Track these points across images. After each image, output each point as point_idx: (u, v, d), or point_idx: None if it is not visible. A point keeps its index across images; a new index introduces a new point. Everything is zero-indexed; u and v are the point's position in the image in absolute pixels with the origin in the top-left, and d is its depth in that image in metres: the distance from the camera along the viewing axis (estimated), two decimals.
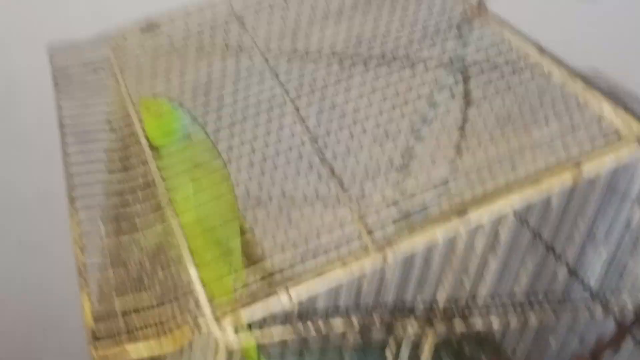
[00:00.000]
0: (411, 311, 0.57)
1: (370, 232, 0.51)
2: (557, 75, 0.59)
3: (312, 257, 0.55)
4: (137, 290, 0.58)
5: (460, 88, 0.67)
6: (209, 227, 0.61)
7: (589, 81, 0.56)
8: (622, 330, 0.73)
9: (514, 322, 0.58)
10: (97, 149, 0.67)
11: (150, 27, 0.80)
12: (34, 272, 1.02)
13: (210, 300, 0.48)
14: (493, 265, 0.55)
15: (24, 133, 0.92)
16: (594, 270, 0.63)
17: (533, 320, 0.59)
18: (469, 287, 0.57)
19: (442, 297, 0.56)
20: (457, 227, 0.50)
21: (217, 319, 0.46)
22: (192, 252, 0.52)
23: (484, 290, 0.57)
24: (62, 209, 0.92)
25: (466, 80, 0.68)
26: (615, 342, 0.75)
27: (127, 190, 0.61)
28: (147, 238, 0.55)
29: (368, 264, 0.50)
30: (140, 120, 0.70)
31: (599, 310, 0.63)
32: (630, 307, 0.63)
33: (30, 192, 0.96)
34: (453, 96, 0.66)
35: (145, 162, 0.62)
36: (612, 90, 0.86)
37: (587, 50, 0.92)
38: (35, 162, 0.94)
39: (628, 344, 0.75)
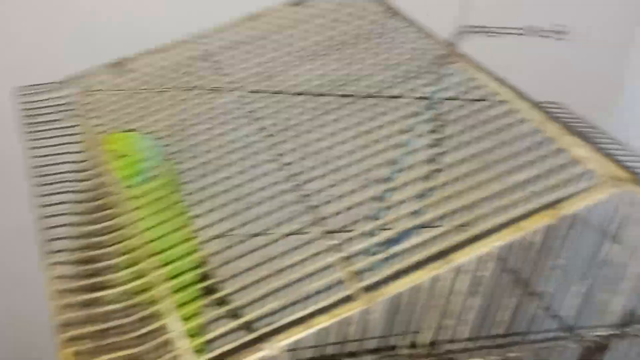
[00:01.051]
0: (395, 352, 0.57)
1: (355, 278, 0.51)
2: (533, 117, 0.60)
3: (297, 306, 0.55)
4: (116, 346, 0.56)
5: (435, 130, 0.68)
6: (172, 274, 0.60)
7: (565, 124, 0.57)
8: (586, 356, 0.74)
9: None
10: (70, 197, 0.65)
11: (119, 68, 0.80)
12: (12, 307, 1.00)
13: (197, 353, 0.47)
14: (474, 306, 0.56)
15: None
16: (570, 307, 0.65)
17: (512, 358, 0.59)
18: (451, 328, 0.57)
19: (425, 339, 0.56)
20: (440, 270, 0.51)
21: None
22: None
23: (465, 331, 0.58)
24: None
25: (440, 121, 0.68)
26: None
27: (101, 242, 0.60)
28: (123, 292, 0.54)
29: (355, 310, 0.50)
30: (110, 161, 0.69)
31: (575, 346, 0.64)
32: (605, 341, 0.64)
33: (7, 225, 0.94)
34: (429, 138, 0.67)
35: (119, 208, 0.61)
36: (577, 124, 0.88)
37: (552, 84, 0.95)
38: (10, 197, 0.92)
39: None
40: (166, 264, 0.58)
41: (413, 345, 0.59)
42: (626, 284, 0.62)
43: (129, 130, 0.76)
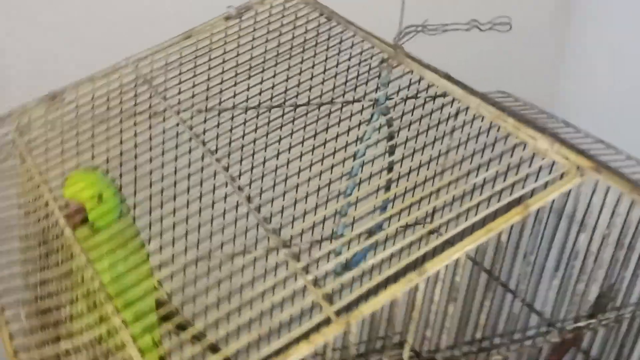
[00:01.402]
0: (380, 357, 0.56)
1: (329, 301, 0.49)
2: (486, 113, 0.59)
3: (273, 336, 0.53)
4: None
5: (390, 135, 0.67)
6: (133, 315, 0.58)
7: (518, 115, 0.56)
8: (564, 345, 0.74)
9: None
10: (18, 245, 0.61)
11: (54, 100, 0.76)
12: None
13: None
14: (453, 312, 0.54)
15: None
16: (548, 300, 0.64)
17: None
18: (434, 337, 0.56)
19: (407, 350, 0.55)
20: (415, 282, 0.49)
21: None
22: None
23: (448, 338, 0.56)
24: None
25: (395, 125, 0.67)
26: (559, 355, 0.77)
27: (56, 289, 0.57)
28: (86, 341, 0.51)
29: (332, 334, 0.48)
30: (56, 200, 0.65)
31: (555, 338, 0.63)
32: (584, 331, 0.64)
33: None
34: (385, 144, 0.66)
35: (72, 251, 0.58)
36: (527, 111, 0.88)
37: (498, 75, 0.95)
38: None
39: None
40: (128, 306, 0.55)
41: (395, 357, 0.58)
42: (599, 271, 0.62)
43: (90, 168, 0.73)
